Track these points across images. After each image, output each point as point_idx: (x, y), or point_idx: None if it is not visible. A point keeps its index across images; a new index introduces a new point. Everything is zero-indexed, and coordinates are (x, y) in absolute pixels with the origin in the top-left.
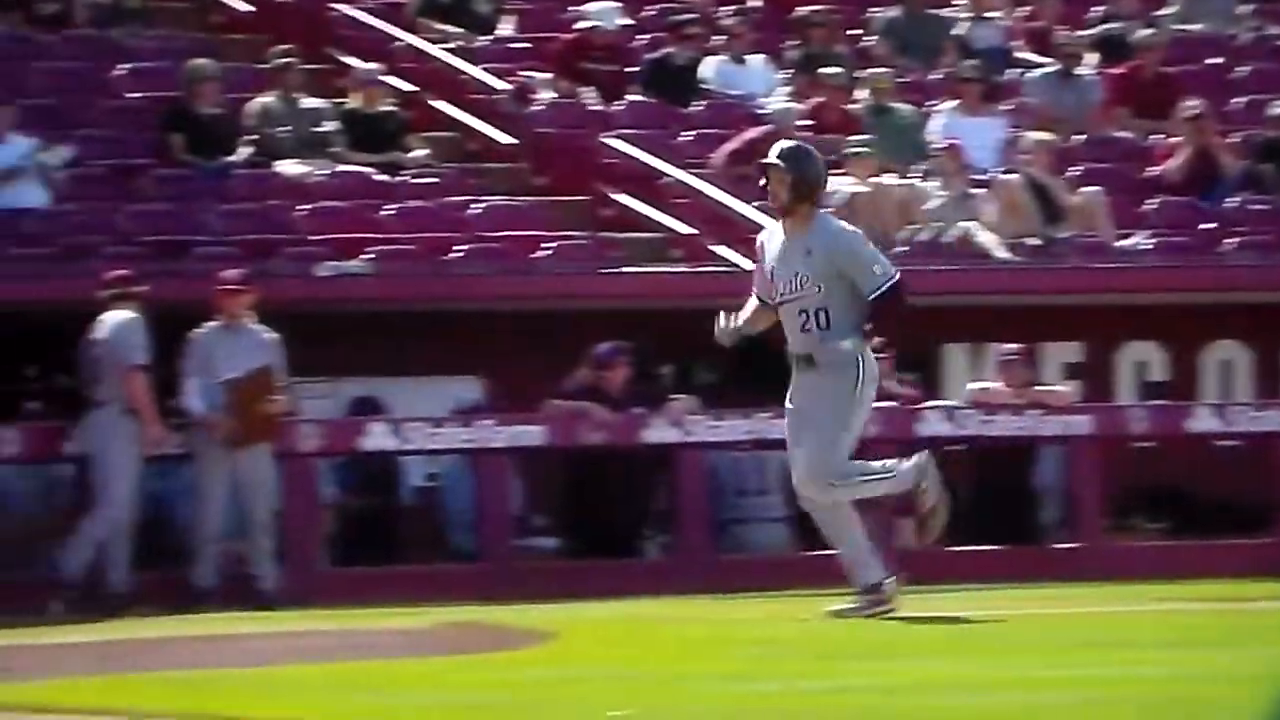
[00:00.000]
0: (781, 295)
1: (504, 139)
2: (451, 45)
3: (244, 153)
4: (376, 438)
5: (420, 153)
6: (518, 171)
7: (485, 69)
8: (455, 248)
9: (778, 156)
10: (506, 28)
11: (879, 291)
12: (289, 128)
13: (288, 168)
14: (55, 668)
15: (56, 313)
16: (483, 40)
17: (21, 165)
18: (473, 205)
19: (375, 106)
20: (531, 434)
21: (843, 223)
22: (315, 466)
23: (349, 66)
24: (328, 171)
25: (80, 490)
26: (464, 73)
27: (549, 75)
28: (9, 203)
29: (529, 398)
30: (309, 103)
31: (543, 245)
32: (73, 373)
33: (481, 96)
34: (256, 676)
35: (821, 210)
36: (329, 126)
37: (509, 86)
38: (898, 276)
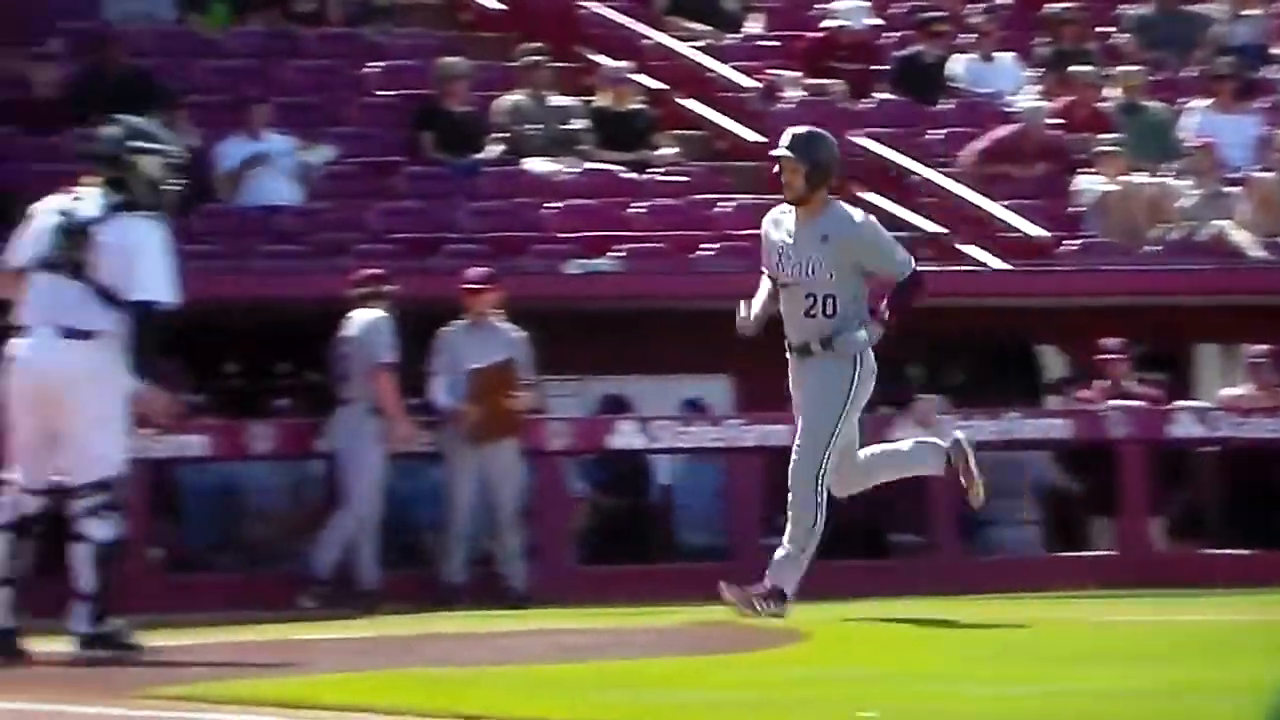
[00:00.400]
0: (789, 279)
1: (751, 137)
2: (700, 43)
3: (493, 150)
4: (625, 436)
5: (669, 151)
6: (765, 169)
7: (733, 67)
8: (703, 246)
9: (788, 146)
10: (754, 26)
11: (902, 278)
12: (538, 125)
13: (536, 165)
14: (307, 664)
15: (309, 310)
16: (730, 38)
17: (272, 159)
18: (720, 203)
19: (624, 104)
20: (779, 434)
21: (858, 210)
22: (564, 464)
23: (598, 64)
24: (577, 169)
25: (330, 487)
26: (712, 71)
27: (796, 73)
28: (257, 196)
29: (777, 397)
30: (558, 100)
31: None
32: (323, 370)
33: (729, 94)
34: (508, 674)
35: (835, 198)
36: (578, 124)
37: (757, 84)
38: (915, 266)
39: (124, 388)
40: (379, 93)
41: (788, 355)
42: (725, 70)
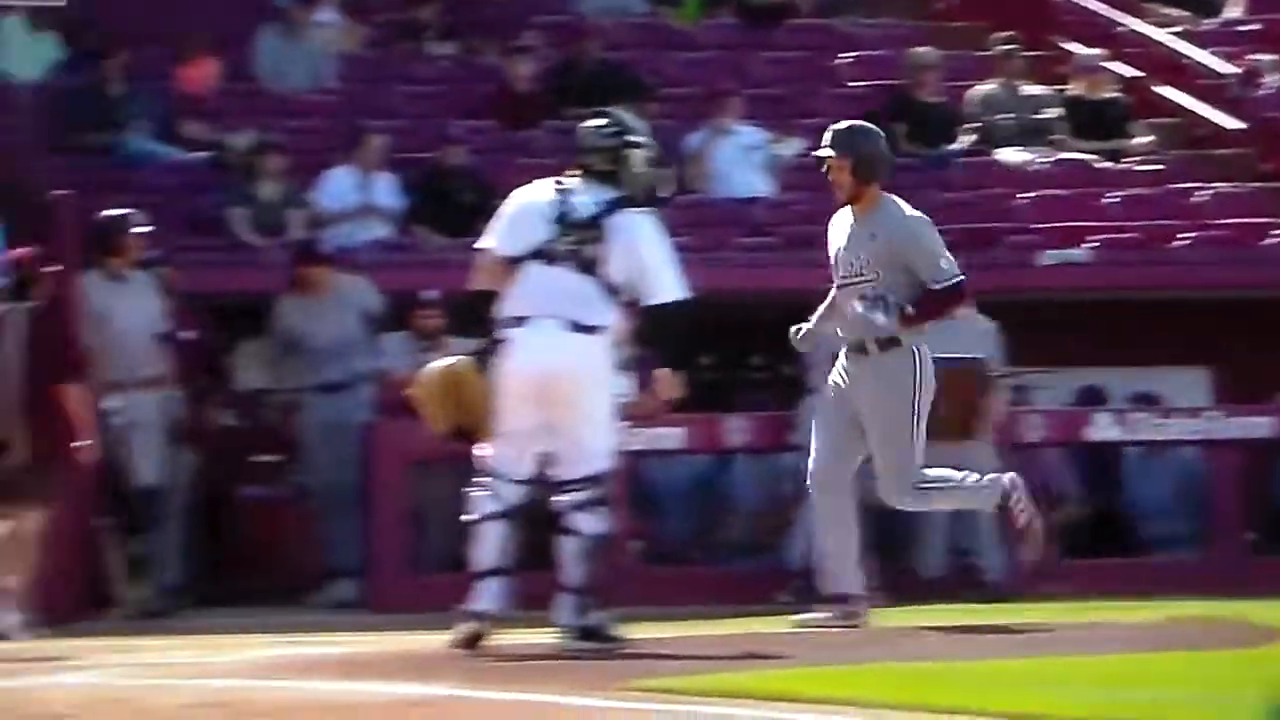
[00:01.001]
0: (842, 279)
1: (1230, 124)
2: (1176, 29)
3: (965, 141)
4: (1101, 428)
5: (1144, 139)
6: (1244, 157)
7: (1211, 52)
8: (1179, 235)
9: (830, 144)
10: (1234, 10)
11: (941, 285)
12: (1010, 115)
13: (1008, 155)
14: (784, 657)
15: (781, 301)
16: (1208, 23)
17: (752, 155)
18: (1197, 192)
19: (1098, 93)
20: (1260, 426)
21: (911, 209)
22: (1042, 457)
23: (1071, 53)
24: (1049, 159)
25: (801, 480)
26: (1188, 57)
27: (1277, 57)
28: (730, 188)
29: (1261, 389)
30: (1030, 90)
31: (1270, 233)
32: (795, 362)
33: (1207, 81)
34: (983, 670)
35: (889, 195)
36: (1051, 114)
37: (1235, 70)
38: (962, 277)
39: (616, 383)
40: (850, 84)
41: (844, 355)
42: (1203, 56)
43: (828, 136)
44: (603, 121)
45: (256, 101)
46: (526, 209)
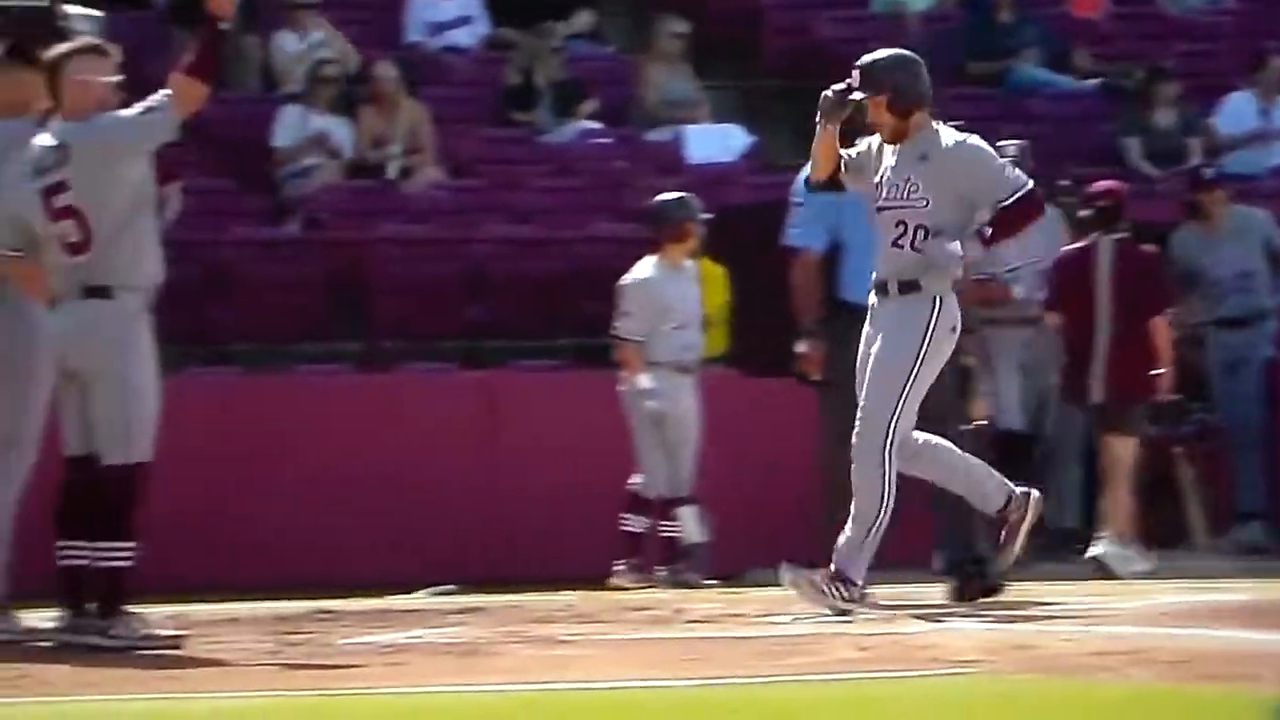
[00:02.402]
0: (884, 200)
1: None
2: None
3: None
4: None
5: None
6: None
7: None
8: None
9: (860, 85)
10: None
11: (1012, 197)
12: None
13: None
14: None
15: None
16: None
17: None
18: None
19: None
20: None
21: (968, 134)
22: None
23: None
24: None
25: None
26: None
27: None
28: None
29: None
30: None
31: None
32: None
33: None
34: None
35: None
36: None
37: None
38: (1031, 184)
39: None
40: None
41: (871, 298)
42: None
43: (855, 76)
44: None
45: (1148, 25)
46: None
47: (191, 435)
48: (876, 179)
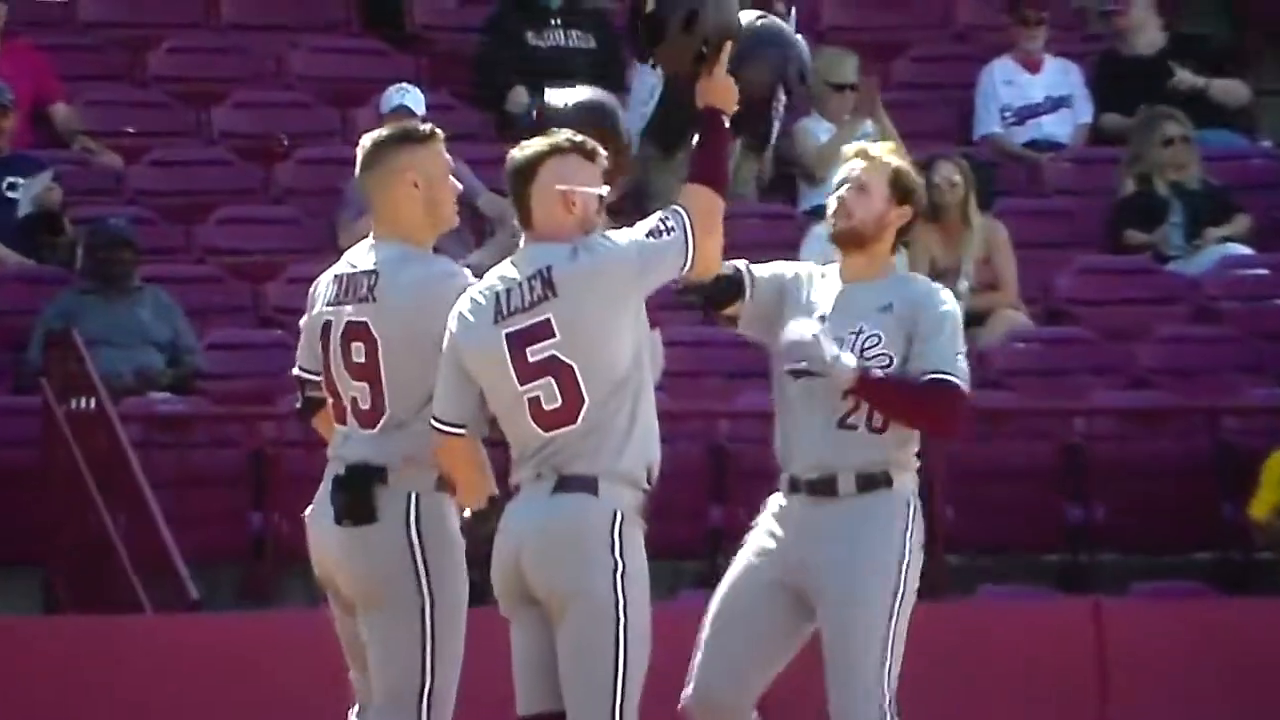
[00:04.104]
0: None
1: None
2: None
3: None
4: None
5: None
6: None
7: None
8: None
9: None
10: None
11: (942, 376)
12: None
13: None
14: None
15: None
16: None
17: None
18: None
19: None
20: None
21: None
22: None
23: None
24: None
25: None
26: None
27: None
28: None
29: None
30: None
31: None
32: None
33: None
34: None
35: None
36: None
37: None
38: (966, 389)
39: None
40: None
41: (780, 499)
42: None
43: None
44: None
45: None
46: None
47: None
48: (782, 323)
